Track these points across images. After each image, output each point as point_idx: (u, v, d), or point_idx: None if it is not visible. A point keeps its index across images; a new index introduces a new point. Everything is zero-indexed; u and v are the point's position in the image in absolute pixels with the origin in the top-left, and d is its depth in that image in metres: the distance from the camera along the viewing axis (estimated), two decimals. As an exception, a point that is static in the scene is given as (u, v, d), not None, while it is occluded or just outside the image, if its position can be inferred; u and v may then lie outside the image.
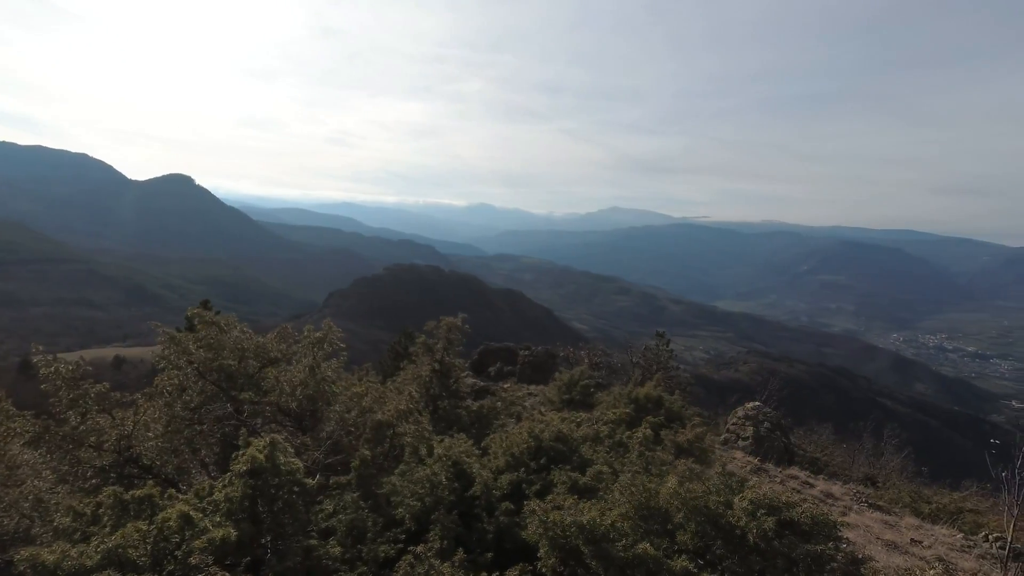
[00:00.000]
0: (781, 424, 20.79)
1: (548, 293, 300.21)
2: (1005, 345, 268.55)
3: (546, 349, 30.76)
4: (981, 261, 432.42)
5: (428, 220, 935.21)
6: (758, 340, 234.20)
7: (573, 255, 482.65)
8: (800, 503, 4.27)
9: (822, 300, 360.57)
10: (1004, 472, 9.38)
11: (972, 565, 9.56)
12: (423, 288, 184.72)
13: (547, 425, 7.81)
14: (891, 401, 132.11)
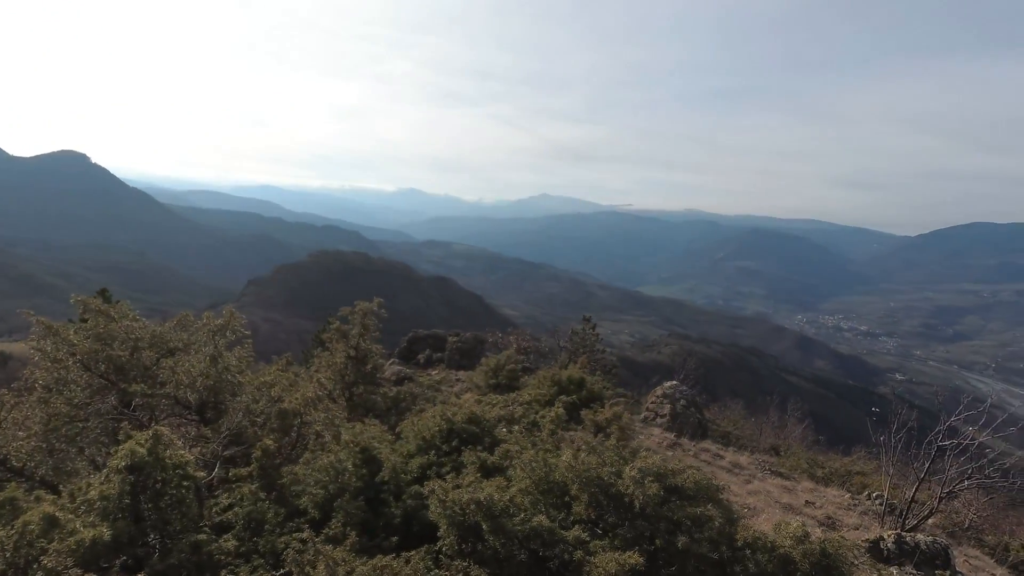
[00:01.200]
0: (695, 401, 21.91)
1: (479, 280, 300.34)
2: (891, 324, 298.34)
3: (474, 335, 30.74)
4: (872, 249, 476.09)
5: (354, 205, 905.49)
6: (679, 323, 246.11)
7: (504, 242, 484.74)
8: (684, 470, 4.48)
9: (736, 285, 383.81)
10: (882, 437, 10.34)
11: (855, 520, 10.54)
12: (349, 275, 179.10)
13: (460, 408, 7.77)
14: (795, 377, 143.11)
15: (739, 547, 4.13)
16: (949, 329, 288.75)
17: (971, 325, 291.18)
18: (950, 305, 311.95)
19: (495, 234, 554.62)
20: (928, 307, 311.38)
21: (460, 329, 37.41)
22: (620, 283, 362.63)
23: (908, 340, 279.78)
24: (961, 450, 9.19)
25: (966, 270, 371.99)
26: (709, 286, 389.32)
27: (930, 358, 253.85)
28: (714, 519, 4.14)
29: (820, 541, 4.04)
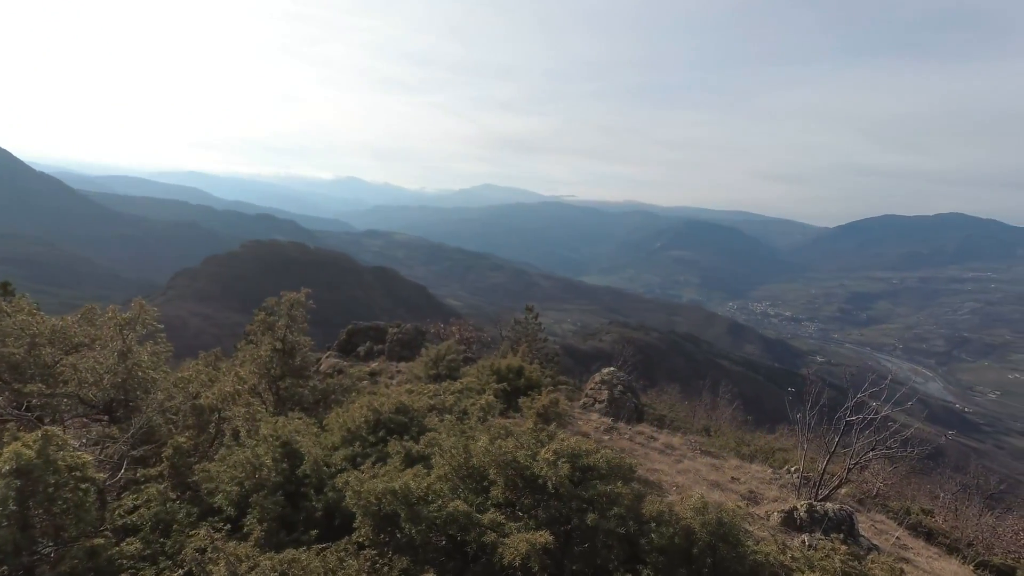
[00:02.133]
0: (632, 387, 22.58)
1: (422, 270, 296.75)
2: (812, 310, 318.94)
3: (415, 326, 30.35)
4: (796, 239, 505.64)
5: (290, 193, 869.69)
6: (619, 311, 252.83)
7: (447, 232, 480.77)
8: (597, 451, 4.62)
9: (673, 274, 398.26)
10: (799, 415, 11.04)
11: (775, 493, 11.21)
12: (286, 266, 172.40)
13: (387, 398, 7.65)
14: (727, 361, 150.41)
15: (645, 521, 4.30)
16: (863, 314, 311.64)
17: (882, 309, 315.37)
18: (863, 291, 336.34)
19: (438, 224, 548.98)
20: (844, 293, 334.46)
21: (403, 320, 36.88)
22: (563, 273, 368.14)
23: (827, 324, 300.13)
24: (867, 424, 9.94)
25: (877, 259, 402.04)
26: (648, 275, 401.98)
27: (846, 340, 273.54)
28: (623, 496, 4.29)
29: (717, 511, 4.26)
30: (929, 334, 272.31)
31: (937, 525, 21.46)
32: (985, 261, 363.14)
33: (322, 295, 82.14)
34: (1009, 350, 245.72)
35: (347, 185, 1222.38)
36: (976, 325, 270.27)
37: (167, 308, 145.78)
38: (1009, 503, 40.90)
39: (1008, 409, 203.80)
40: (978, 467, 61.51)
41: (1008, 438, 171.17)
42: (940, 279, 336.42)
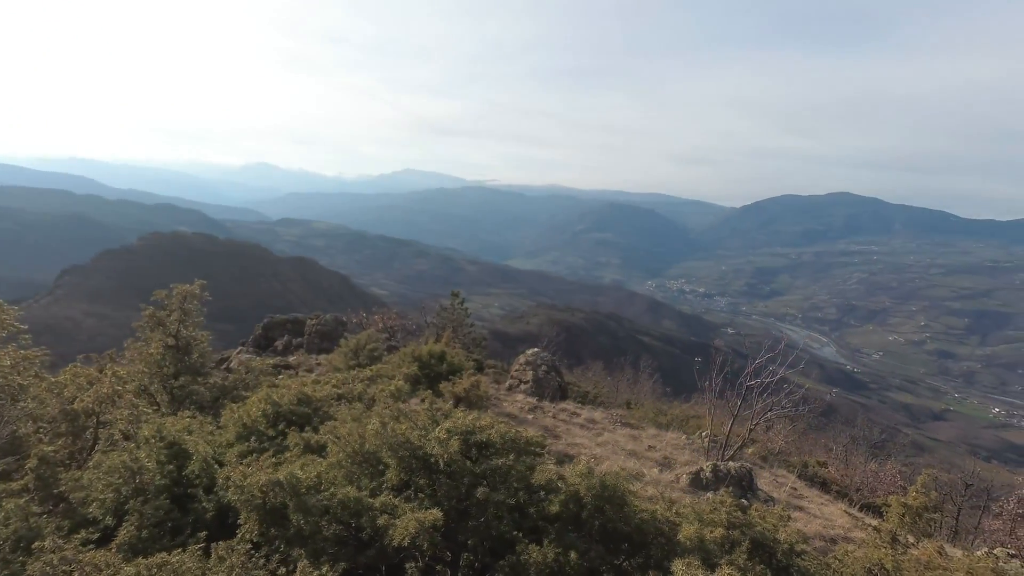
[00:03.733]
0: (556, 366, 23.07)
1: (343, 259, 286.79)
2: (723, 285, 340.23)
3: (335, 316, 29.32)
4: (707, 219, 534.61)
5: (194, 181, 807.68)
6: (545, 294, 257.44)
7: (368, 219, 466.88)
8: (491, 426, 4.68)
9: (595, 255, 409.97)
10: (706, 383, 11.72)
11: (687, 457, 11.88)
12: (192, 260, 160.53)
13: (288, 390, 7.33)
14: (647, 337, 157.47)
15: (535, 490, 4.40)
16: (766, 287, 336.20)
17: (783, 283, 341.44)
18: (767, 267, 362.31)
19: (358, 211, 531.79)
20: (750, 269, 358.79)
21: (325, 312, 35.55)
22: (489, 257, 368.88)
23: (736, 298, 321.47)
24: (764, 388, 10.71)
25: (778, 236, 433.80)
26: (571, 257, 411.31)
27: (753, 313, 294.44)
28: (514, 468, 4.37)
29: (601, 475, 4.44)
30: (823, 303, 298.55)
31: (830, 475, 23.69)
32: (868, 235, 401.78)
33: (235, 288, 79.28)
34: (889, 315, 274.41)
35: (258, 171, 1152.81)
36: (862, 294, 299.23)
37: (55, 309, 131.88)
38: (889, 450, 46.01)
39: (889, 367, 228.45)
40: (864, 421, 68.55)
41: (889, 393, 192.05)
42: (831, 253, 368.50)
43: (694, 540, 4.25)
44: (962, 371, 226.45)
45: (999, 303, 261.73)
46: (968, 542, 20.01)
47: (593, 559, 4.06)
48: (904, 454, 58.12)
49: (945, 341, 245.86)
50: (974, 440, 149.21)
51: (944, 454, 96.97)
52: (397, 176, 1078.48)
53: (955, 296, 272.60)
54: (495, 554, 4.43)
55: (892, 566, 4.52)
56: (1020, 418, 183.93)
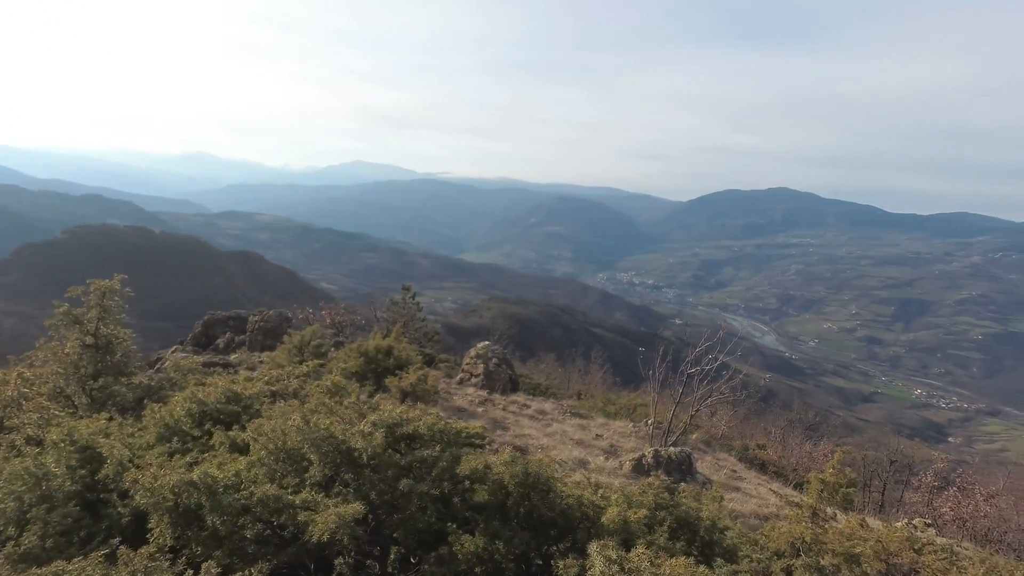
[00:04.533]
0: (507, 359, 23.15)
1: (290, 253, 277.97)
2: (671, 277, 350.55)
3: (279, 312, 28.36)
4: (655, 213, 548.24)
5: (126, 170, 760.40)
6: (498, 287, 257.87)
7: (315, 211, 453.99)
8: (420, 417, 4.69)
9: (547, 249, 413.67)
10: (650, 371, 12.06)
11: (633, 444, 12.20)
12: (126, 255, 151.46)
13: (215, 387, 7.05)
14: (599, 329, 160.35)
15: (460, 480, 4.44)
16: (712, 279, 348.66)
17: (727, 275, 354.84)
18: (712, 259, 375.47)
19: (305, 203, 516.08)
20: (697, 261, 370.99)
21: (272, 308, 34.40)
22: (441, 251, 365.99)
23: (683, 290, 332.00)
24: (705, 375, 11.12)
25: (722, 229, 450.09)
26: (524, 251, 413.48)
27: (699, 304, 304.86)
28: (440, 459, 4.39)
29: (525, 463, 4.53)
30: (764, 294, 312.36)
31: (768, 456, 24.83)
32: (805, 229, 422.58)
33: (174, 285, 75.63)
34: (824, 304, 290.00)
35: (197, 161, 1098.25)
36: (799, 284, 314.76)
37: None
38: (822, 432, 48.71)
39: (824, 354, 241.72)
40: (800, 405, 72.38)
41: (824, 378, 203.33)
42: (772, 246, 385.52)
43: (617, 522, 4.37)
44: (888, 356, 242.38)
45: (921, 292, 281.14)
46: (891, 514, 21.45)
47: (517, 545, 4.12)
48: (837, 435, 61.66)
49: (873, 328, 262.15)
50: (899, 420, 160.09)
51: (873, 433, 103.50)
52: (346, 168, 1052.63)
53: (882, 286, 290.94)
54: (425, 546, 4.43)
55: (811, 538, 4.80)
56: (939, 398, 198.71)
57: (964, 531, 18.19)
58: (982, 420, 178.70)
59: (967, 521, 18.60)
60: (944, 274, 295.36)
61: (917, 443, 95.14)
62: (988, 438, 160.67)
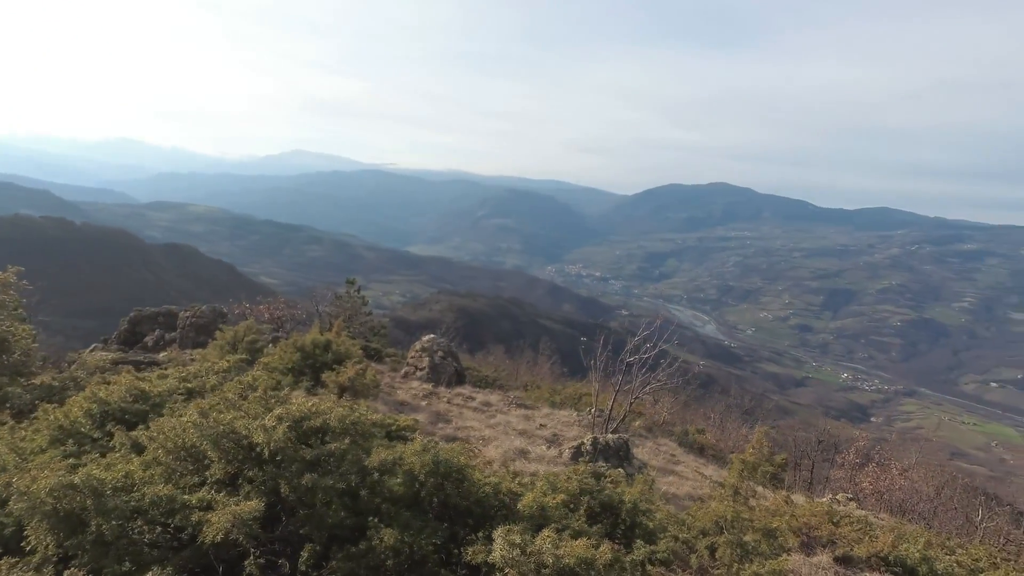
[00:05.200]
0: (453, 351, 22.97)
1: (227, 246, 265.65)
2: (617, 269, 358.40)
3: (213, 307, 27.06)
4: (602, 206, 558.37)
5: (39, 157, 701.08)
6: (448, 280, 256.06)
7: (253, 202, 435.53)
8: (329, 411, 4.55)
9: (496, 241, 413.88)
10: (592, 361, 12.22)
11: (576, 433, 12.35)
12: (43, 249, 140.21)
13: (119, 386, 6.60)
14: (548, 320, 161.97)
15: (370, 472, 4.33)
16: (656, 271, 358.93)
17: (670, 267, 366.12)
18: (657, 251, 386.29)
19: (243, 194, 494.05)
20: (642, 254, 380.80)
21: (206, 303, 32.74)
22: (388, 243, 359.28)
23: (629, 281, 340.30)
24: (644, 363, 11.37)
25: (666, 222, 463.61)
26: (473, 243, 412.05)
27: (644, 295, 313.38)
28: (349, 452, 4.28)
29: (436, 453, 4.49)
30: (705, 285, 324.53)
31: (707, 440, 25.76)
32: (742, 222, 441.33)
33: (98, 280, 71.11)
34: (760, 294, 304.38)
35: (121, 148, 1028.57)
36: (738, 275, 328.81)
37: None
38: (758, 415, 51.03)
39: (760, 341, 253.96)
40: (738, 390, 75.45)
41: (760, 364, 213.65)
42: (712, 238, 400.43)
43: (534, 508, 4.38)
44: (818, 342, 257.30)
45: (847, 282, 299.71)
46: (819, 490, 22.77)
47: (430, 536, 4.05)
48: (771, 418, 65.00)
49: (805, 316, 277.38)
50: (827, 402, 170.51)
51: (804, 416, 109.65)
52: (287, 157, 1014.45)
53: (813, 276, 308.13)
54: (341, 541, 4.28)
55: (732, 516, 4.99)
56: (863, 381, 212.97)
57: (881, 503, 19.51)
58: (900, 400, 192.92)
59: (884, 494, 19.96)
60: (867, 265, 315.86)
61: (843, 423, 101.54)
62: (905, 417, 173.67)
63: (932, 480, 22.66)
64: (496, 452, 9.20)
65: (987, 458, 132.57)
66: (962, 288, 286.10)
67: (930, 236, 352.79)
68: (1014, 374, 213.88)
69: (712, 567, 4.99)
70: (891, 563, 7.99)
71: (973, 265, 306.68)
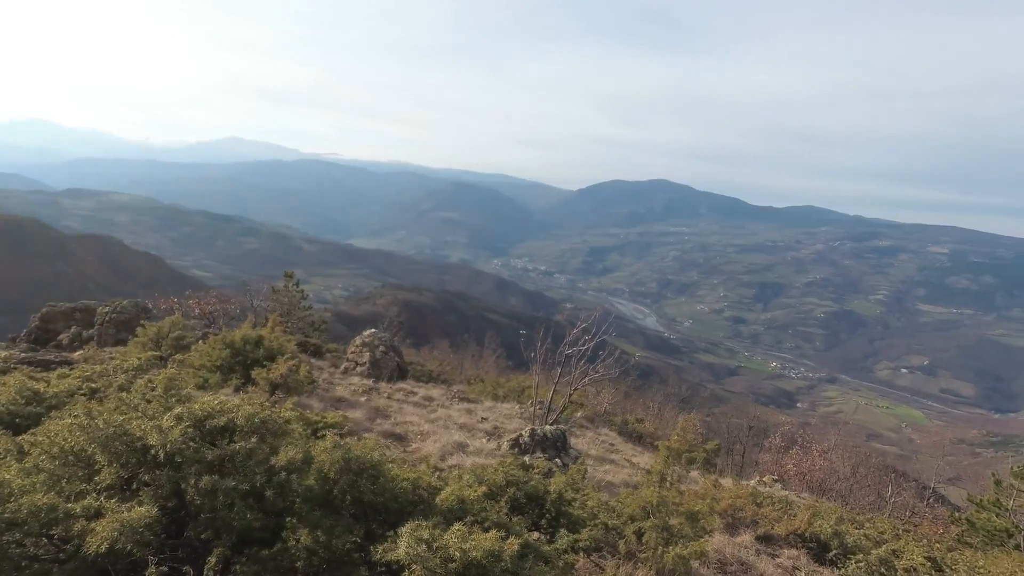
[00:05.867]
0: (394, 346, 22.62)
1: (155, 238, 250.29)
2: (562, 263, 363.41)
3: (136, 302, 25.42)
4: (547, 201, 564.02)
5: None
6: (392, 274, 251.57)
7: (185, 191, 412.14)
8: (236, 408, 4.40)
9: (442, 234, 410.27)
10: (532, 353, 12.35)
11: (516, 426, 12.45)
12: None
13: (7, 386, 6.11)
14: (494, 314, 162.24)
15: (276, 472, 4.23)
16: (600, 265, 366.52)
17: (613, 261, 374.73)
18: (600, 246, 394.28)
19: (172, 182, 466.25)
20: (586, 248, 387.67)
21: (131, 298, 30.66)
22: (330, 236, 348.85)
23: (574, 275, 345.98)
24: (582, 355, 11.60)
25: (609, 217, 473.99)
26: (418, 236, 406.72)
27: (589, 289, 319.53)
28: (255, 451, 4.15)
29: (347, 448, 4.44)
30: (646, 279, 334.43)
31: (645, 428, 26.61)
32: (681, 218, 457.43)
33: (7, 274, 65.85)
34: (697, 288, 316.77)
35: (31, 130, 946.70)
36: (676, 270, 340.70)
37: None
38: (694, 404, 53.03)
39: (697, 333, 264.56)
40: (676, 380, 78.15)
41: (697, 355, 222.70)
42: (652, 233, 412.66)
43: (452, 502, 4.38)
44: (750, 333, 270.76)
45: (777, 276, 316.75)
46: (749, 473, 24.00)
47: (341, 535, 3.98)
48: (706, 406, 67.86)
49: (738, 308, 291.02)
50: (758, 390, 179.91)
51: (737, 403, 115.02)
52: (220, 144, 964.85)
53: (746, 271, 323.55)
54: (253, 544, 4.12)
55: (657, 501, 5.19)
56: (790, 369, 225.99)
57: (804, 483, 20.79)
58: (823, 387, 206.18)
59: (806, 474, 21.29)
60: (795, 260, 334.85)
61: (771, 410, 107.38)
62: (827, 402, 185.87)
63: (849, 460, 24.38)
64: (434, 447, 9.16)
65: (898, 438, 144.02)
66: (877, 282, 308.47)
67: (850, 233, 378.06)
68: (921, 361, 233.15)
69: (639, 551, 5.17)
70: (807, 539, 8.56)
71: (887, 260, 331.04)
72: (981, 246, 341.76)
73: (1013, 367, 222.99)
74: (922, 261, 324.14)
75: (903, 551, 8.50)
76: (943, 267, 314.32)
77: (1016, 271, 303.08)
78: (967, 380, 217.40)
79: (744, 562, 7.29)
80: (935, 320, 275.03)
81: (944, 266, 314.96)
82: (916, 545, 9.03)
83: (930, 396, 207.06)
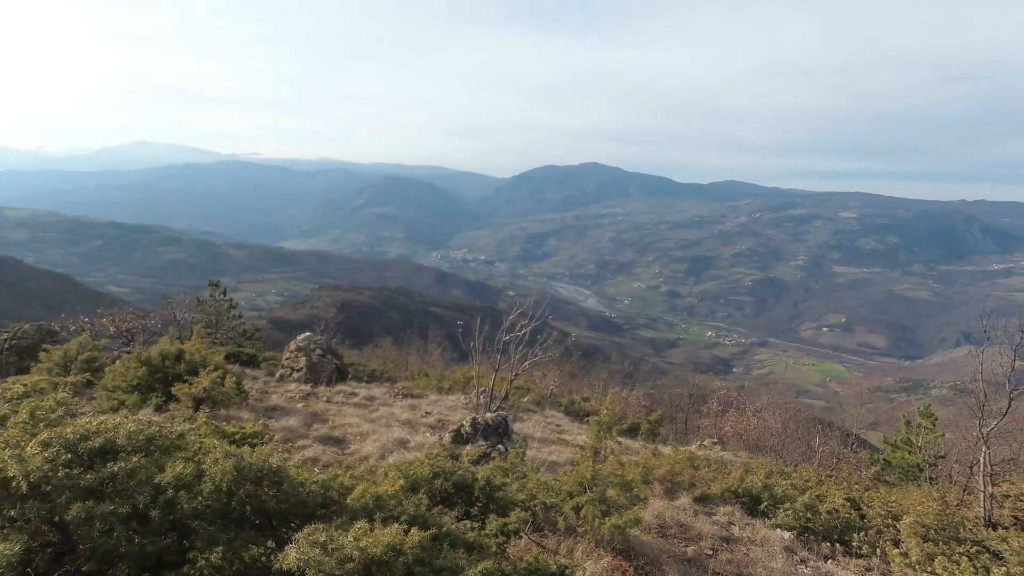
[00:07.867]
0: (332, 348, 21.96)
1: (60, 254, 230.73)
2: (501, 252, 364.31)
3: (38, 325, 23.28)
4: (481, 190, 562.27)
5: None
6: (328, 275, 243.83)
7: (91, 201, 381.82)
8: (117, 427, 4.12)
9: (377, 231, 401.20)
10: (471, 343, 12.29)
11: (460, 416, 12.41)
12: None
13: None
14: (438, 308, 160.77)
15: (162, 489, 4.01)
16: (539, 251, 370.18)
17: (552, 246, 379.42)
18: (538, 232, 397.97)
19: (75, 192, 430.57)
20: (524, 235, 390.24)
21: (34, 322, 28.00)
22: (258, 240, 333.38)
23: (514, 263, 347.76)
24: (520, 340, 11.66)
25: (544, 203, 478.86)
26: (352, 234, 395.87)
27: (529, 275, 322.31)
28: (137, 471, 3.91)
29: (238, 457, 4.29)
30: (585, 261, 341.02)
31: (591, 407, 27.17)
32: (614, 200, 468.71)
33: None
34: (633, 266, 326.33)
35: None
36: (613, 250, 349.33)
37: None
38: (637, 378, 54.63)
39: (636, 310, 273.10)
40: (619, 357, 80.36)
41: (638, 331, 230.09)
42: (588, 216, 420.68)
43: (367, 499, 4.29)
44: (685, 306, 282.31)
45: (706, 249, 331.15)
46: (691, 439, 25.06)
47: (237, 547, 3.80)
48: (649, 379, 70.04)
49: (673, 283, 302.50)
50: (696, 359, 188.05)
51: (678, 373, 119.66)
52: (127, 149, 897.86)
53: (677, 246, 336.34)
54: (156, 569, 3.85)
55: (592, 475, 5.31)
56: (724, 337, 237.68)
57: (741, 442, 21.92)
58: (755, 351, 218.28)
59: (743, 434, 22.45)
60: (721, 233, 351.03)
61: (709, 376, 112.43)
62: (760, 365, 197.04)
63: (780, 417, 25.93)
64: (374, 447, 8.96)
65: (823, 392, 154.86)
66: (796, 249, 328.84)
67: (769, 204, 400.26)
68: (839, 319, 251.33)
69: (579, 525, 5.27)
70: (740, 495, 9.04)
71: (804, 228, 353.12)
72: (885, 209, 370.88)
73: (917, 318, 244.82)
74: (835, 226, 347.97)
75: (826, 495, 9.16)
76: (853, 230, 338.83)
77: (915, 230, 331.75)
78: (879, 332, 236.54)
79: (683, 523, 7.62)
80: (849, 280, 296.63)
81: (854, 229, 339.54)
82: (837, 489, 9.76)
83: (849, 351, 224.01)
